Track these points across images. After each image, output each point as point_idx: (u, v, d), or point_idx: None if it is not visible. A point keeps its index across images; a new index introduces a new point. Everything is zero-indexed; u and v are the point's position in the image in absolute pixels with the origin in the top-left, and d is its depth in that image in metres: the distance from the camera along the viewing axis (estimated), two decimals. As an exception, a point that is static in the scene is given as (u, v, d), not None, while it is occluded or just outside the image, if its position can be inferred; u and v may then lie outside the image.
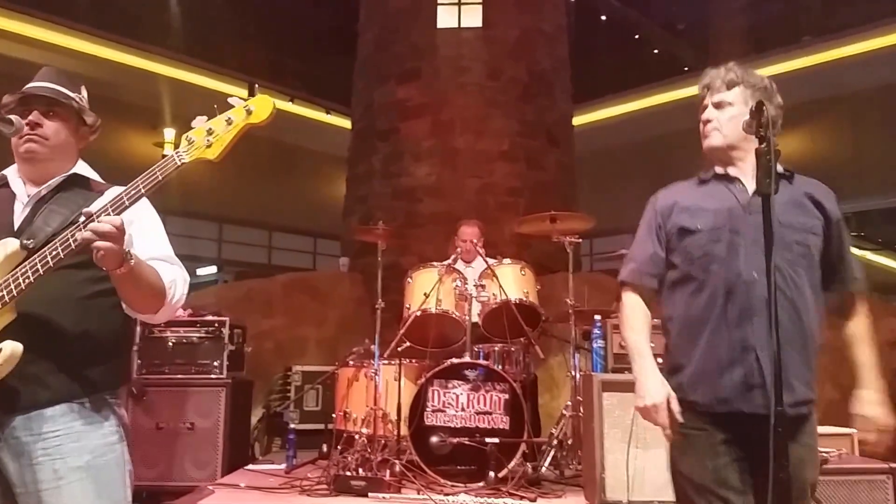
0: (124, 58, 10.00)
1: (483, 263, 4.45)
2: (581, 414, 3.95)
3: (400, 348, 4.31)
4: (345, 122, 10.02)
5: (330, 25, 11.62)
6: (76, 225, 1.58)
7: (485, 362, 4.07)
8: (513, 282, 4.29)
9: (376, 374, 4.17)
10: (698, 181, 2.03)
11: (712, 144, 1.96)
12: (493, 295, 4.22)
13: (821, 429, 1.95)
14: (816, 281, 1.88)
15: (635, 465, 3.23)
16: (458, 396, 3.91)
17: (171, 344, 4.33)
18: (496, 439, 3.75)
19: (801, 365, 1.82)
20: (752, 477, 1.79)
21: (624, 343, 2.07)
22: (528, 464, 3.90)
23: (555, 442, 4.18)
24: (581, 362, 4.42)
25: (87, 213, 1.56)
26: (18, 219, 1.78)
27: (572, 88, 8.43)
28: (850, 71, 9.72)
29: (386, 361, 4.29)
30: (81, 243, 1.55)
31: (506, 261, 4.45)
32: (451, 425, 3.87)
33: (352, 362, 4.54)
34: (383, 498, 3.54)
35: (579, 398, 4.07)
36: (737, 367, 1.80)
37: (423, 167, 7.36)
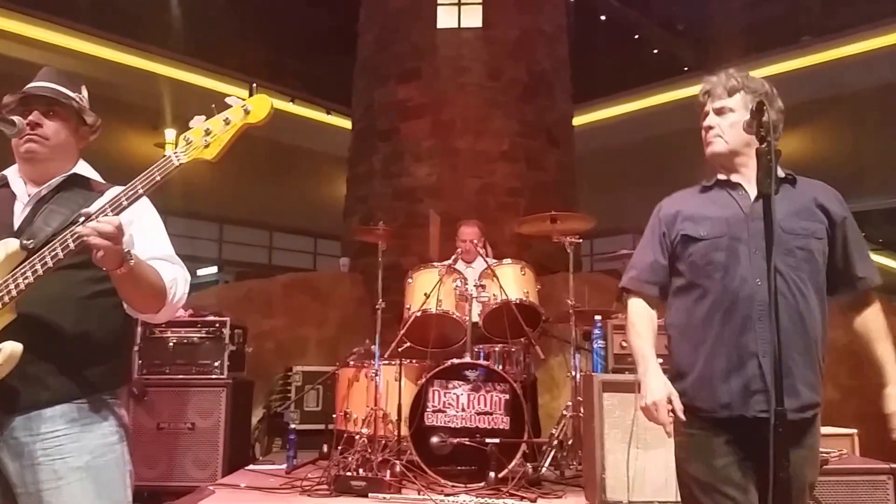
0: (125, 58, 10.01)
1: (483, 263, 4.45)
2: (581, 414, 3.95)
3: (400, 349, 4.31)
4: (345, 123, 10.02)
5: (330, 26, 11.62)
6: (76, 225, 1.57)
7: (485, 363, 4.07)
8: (513, 282, 4.29)
9: (377, 375, 4.17)
10: (701, 188, 2.04)
11: (715, 151, 1.97)
12: (494, 295, 4.22)
13: (821, 429, 1.95)
14: (821, 285, 1.88)
15: (636, 465, 3.23)
16: (458, 397, 3.91)
17: (171, 344, 4.34)
18: (496, 440, 3.75)
19: (806, 369, 1.82)
20: (755, 476, 1.80)
21: (629, 347, 2.08)
22: (528, 464, 3.90)
23: (555, 442, 4.19)
24: (581, 363, 4.42)
25: (86, 213, 1.56)
26: (18, 219, 1.78)
27: (572, 88, 8.43)
28: (850, 71, 9.71)
29: (386, 362, 4.29)
30: (79, 244, 1.55)
31: (506, 261, 4.46)
32: (452, 426, 3.87)
33: (352, 362, 4.55)
34: (384, 498, 3.54)
35: (580, 398, 4.07)
36: (739, 373, 1.82)
37: (424, 167, 7.36)
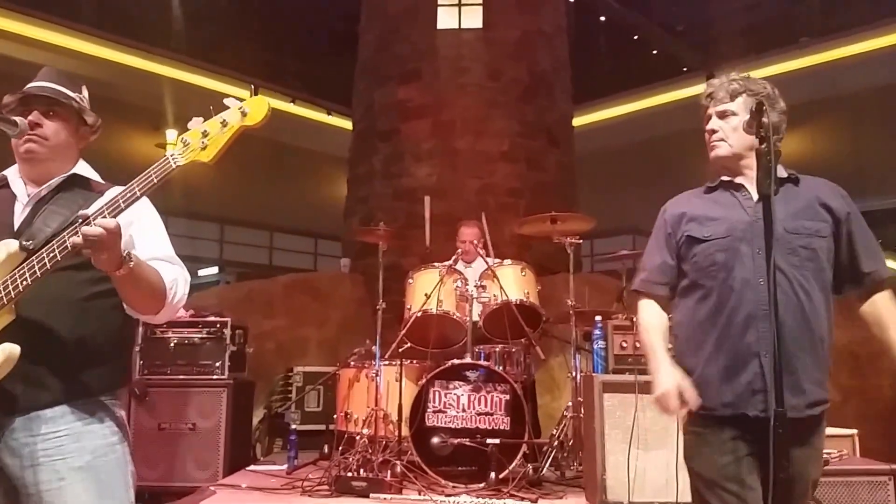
0: (126, 59, 10.00)
1: (483, 264, 4.45)
2: (582, 415, 3.95)
3: (401, 349, 4.31)
4: (346, 123, 10.02)
5: (331, 27, 11.63)
6: (74, 226, 1.56)
7: (485, 363, 4.07)
8: (513, 282, 4.29)
9: (377, 375, 4.18)
10: (705, 189, 2.05)
11: (720, 155, 1.98)
12: (494, 296, 4.22)
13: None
14: (826, 283, 1.89)
15: (636, 465, 3.23)
16: (458, 397, 3.91)
17: (172, 344, 4.34)
18: (497, 440, 3.75)
19: (812, 366, 1.83)
20: (761, 473, 1.80)
21: (641, 345, 2.10)
22: (529, 465, 3.90)
23: (556, 443, 4.18)
24: (582, 363, 4.42)
25: (83, 215, 1.55)
26: (18, 219, 1.77)
27: (572, 89, 8.43)
28: (850, 71, 9.72)
29: (387, 362, 4.29)
30: (76, 247, 1.54)
31: (506, 261, 4.46)
32: (452, 426, 3.87)
33: (353, 363, 4.54)
34: (384, 499, 3.54)
35: (580, 399, 4.07)
36: (742, 372, 1.83)
37: (424, 168, 7.36)
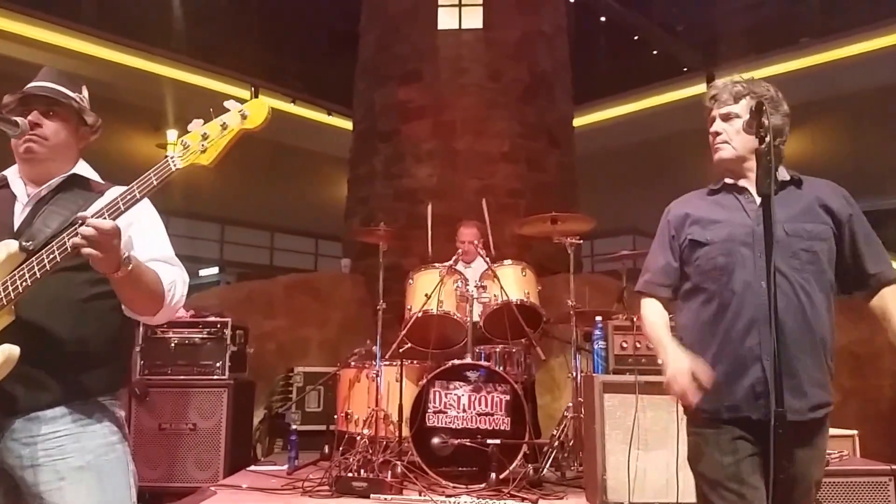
0: (126, 59, 10.00)
1: (483, 264, 4.45)
2: (582, 415, 3.95)
3: (401, 349, 4.30)
4: (346, 124, 10.02)
5: (331, 27, 11.63)
6: (73, 227, 1.56)
7: (486, 363, 4.07)
8: (514, 283, 4.29)
9: (378, 376, 4.18)
10: (709, 191, 2.05)
11: (723, 157, 1.98)
12: (495, 296, 4.22)
13: (826, 429, 1.95)
14: (827, 285, 1.89)
15: (637, 466, 3.23)
16: (459, 398, 3.91)
17: (173, 345, 4.34)
18: (497, 440, 3.75)
19: (814, 369, 1.84)
20: (764, 472, 1.80)
21: (647, 340, 2.09)
22: (529, 465, 3.90)
23: (556, 443, 4.18)
24: (582, 363, 4.42)
25: (82, 217, 1.53)
26: (18, 220, 1.77)
27: (573, 89, 8.43)
28: (850, 72, 9.72)
29: (387, 362, 4.29)
30: (75, 248, 1.53)
31: (507, 262, 4.45)
32: (453, 426, 3.87)
33: (353, 363, 4.54)
34: (385, 499, 3.54)
35: (580, 399, 4.06)
36: (744, 376, 1.84)
37: (425, 168, 7.36)
